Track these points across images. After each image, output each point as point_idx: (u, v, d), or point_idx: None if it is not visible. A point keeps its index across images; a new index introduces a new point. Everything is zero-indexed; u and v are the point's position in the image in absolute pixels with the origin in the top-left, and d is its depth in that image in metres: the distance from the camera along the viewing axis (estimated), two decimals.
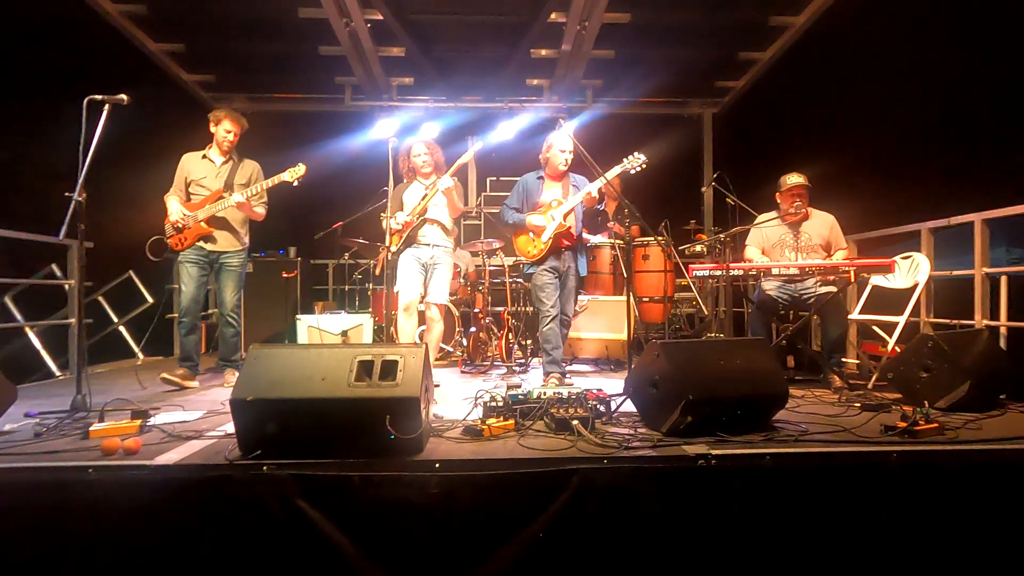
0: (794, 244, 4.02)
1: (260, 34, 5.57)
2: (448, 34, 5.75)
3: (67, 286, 4.84)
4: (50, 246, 4.67)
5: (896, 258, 4.14)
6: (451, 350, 5.08)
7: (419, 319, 3.97)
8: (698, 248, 5.16)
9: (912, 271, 4.18)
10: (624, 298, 3.77)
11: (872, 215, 5.18)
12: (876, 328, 4.24)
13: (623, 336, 4.62)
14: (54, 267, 5.01)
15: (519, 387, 2.84)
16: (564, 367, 3.90)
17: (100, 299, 5.63)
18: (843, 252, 4.02)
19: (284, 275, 5.75)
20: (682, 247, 5.06)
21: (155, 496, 2.09)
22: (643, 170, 3.75)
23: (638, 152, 3.75)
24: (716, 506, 2.18)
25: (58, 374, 4.71)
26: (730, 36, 5.70)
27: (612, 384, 3.50)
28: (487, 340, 4.83)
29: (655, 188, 5.73)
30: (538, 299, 3.85)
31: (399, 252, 3.86)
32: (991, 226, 4.09)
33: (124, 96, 3.09)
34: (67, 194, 2.96)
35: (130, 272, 5.79)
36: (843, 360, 3.97)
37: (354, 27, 5.11)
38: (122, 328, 5.72)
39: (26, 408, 2.96)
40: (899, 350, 3.57)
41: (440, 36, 5.78)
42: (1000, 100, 4.75)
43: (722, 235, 3.98)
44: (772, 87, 6.26)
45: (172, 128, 4.97)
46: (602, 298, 4.94)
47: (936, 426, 2.51)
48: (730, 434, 2.43)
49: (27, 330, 4.76)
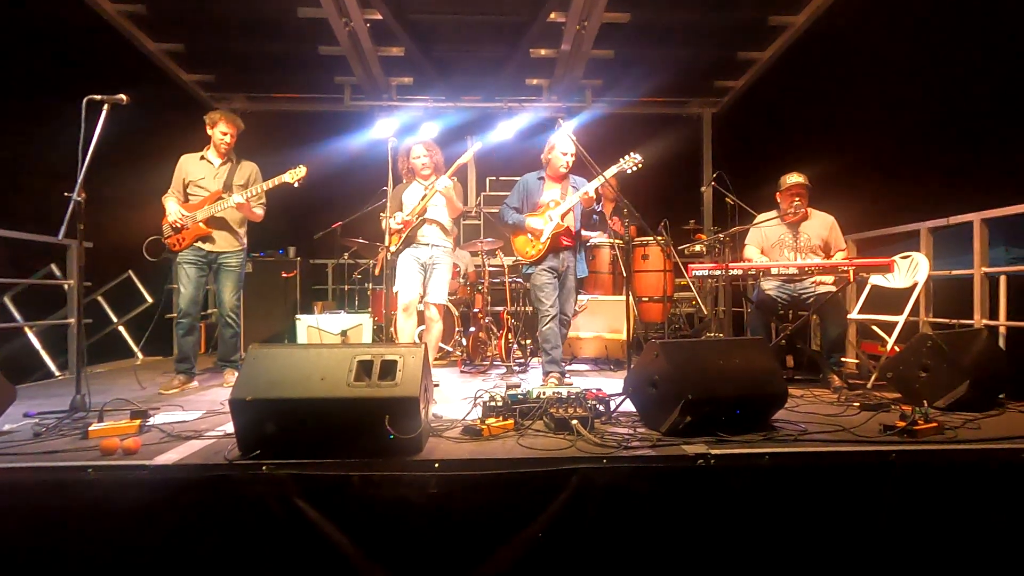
0: (793, 244, 4.03)
1: (260, 34, 5.57)
2: (448, 34, 5.75)
3: (66, 286, 4.84)
4: (49, 246, 4.67)
5: (895, 258, 4.13)
6: (450, 350, 5.08)
7: (418, 319, 3.98)
8: (697, 248, 5.16)
9: (911, 271, 4.18)
10: (624, 298, 3.77)
11: (872, 215, 5.17)
12: (875, 328, 4.23)
13: (622, 336, 4.62)
14: (53, 267, 5.01)
15: (518, 387, 2.84)
16: (563, 367, 3.91)
17: (99, 299, 5.63)
18: (842, 253, 4.03)
19: (283, 275, 5.75)
20: (681, 247, 5.06)
21: (154, 496, 2.09)
22: (642, 170, 3.76)
23: (635, 152, 3.75)
24: (715, 506, 2.18)
25: (57, 374, 4.70)
26: (730, 36, 5.69)
27: (611, 384, 3.50)
28: (486, 340, 4.83)
29: (655, 188, 5.73)
30: (537, 299, 3.86)
31: (398, 252, 3.87)
32: (990, 226, 4.09)
33: (123, 96, 3.09)
34: (66, 194, 2.97)
35: (129, 272, 5.79)
36: (842, 360, 3.97)
37: (353, 27, 5.11)
38: (121, 328, 5.72)
39: (25, 408, 2.96)
40: (898, 350, 3.57)
41: (439, 36, 5.78)
42: (1000, 100, 4.74)
43: (721, 235, 3.99)
44: (772, 87, 6.26)
45: (172, 128, 4.96)
46: (601, 298, 4.94)
47: (935, 426, 2.51)
48: (729, 434, 2.44)
49: (26, 330, 4.75)
